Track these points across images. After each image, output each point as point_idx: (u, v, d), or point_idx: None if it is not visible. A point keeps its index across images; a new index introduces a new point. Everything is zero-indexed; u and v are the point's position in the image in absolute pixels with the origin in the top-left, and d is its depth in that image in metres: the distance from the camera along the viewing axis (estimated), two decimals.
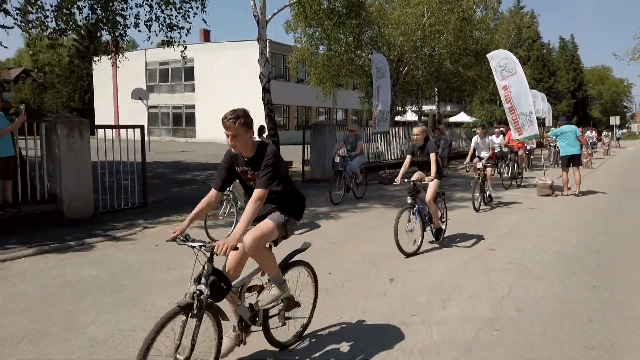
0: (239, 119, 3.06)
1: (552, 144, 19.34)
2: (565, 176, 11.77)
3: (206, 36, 38.57)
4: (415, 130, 6.72)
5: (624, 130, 73.26)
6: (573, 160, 11.64)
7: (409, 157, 6.77)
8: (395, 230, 6.03)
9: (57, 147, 7.73)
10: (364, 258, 6.13)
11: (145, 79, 38.73)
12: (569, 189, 11.72)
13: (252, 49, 15.59)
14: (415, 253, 6.27)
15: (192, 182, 13.56)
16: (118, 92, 39.90)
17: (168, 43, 10.50)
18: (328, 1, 16.94)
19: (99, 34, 10.64)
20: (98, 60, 14.32)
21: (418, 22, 18.56)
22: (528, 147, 16.99)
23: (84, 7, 8.96)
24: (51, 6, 8.52)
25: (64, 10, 8.36)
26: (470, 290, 4.96)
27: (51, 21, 8.66)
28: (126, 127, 9.29)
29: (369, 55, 20.73)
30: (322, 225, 8.11)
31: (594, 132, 31.36)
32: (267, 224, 3.30)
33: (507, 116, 11.36)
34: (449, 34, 19.49)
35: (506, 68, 10.98)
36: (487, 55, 12.10)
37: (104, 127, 9.05)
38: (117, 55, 10.87)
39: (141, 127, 9.63)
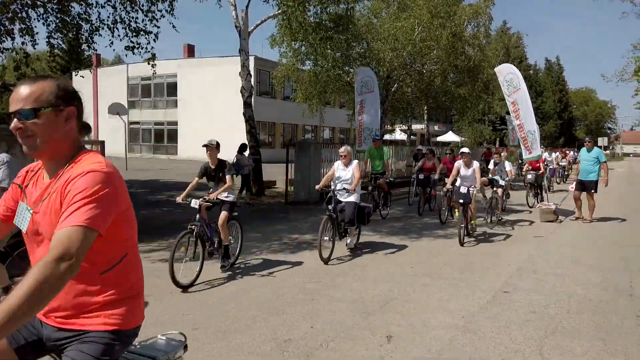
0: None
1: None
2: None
3: (190, 51, 37.63)
4: None
5: (607, 152, 73.48)
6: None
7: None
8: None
9: None
10: (354, 305, 5.04)
11: (126, 95, 37.56)
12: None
13: (238, 65, 14.64)
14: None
15: (164, 204, 12.39)
16: (98, 108, 38.63)
17: (132, 49, 9.45)
18: (315, 15, 16.14)
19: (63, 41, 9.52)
20: (76, 74, 13.14)
21: (408, 37, 17.78)
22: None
23: (32, 5, 7.90)
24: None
25: (7, 10, 7.31)
26: (492, 355, 3.89)
27: None
28: (84, 142, 8.18)
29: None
30: (304, 259, 7.01)
31: (555, 153, 22.13)
32: None
33: (517, 134, 10.52)
34: (440, 49, 18.76)
35: (512, 83, 10.15)
36: (495, 70, 11.46)
37: None
38: (82, 65, 9.74)
39: (101, 142, 8.56)
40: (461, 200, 8.25)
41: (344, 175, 7.35)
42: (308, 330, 4.32)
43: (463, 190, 8.27)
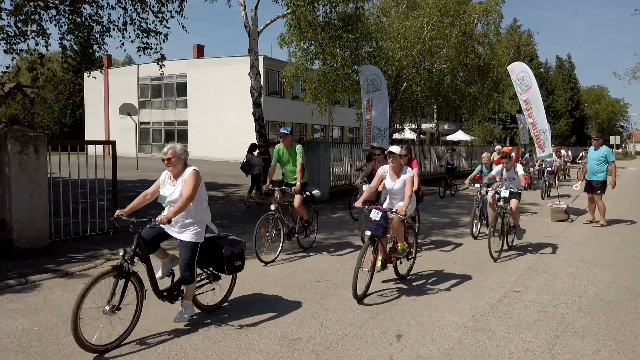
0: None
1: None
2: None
3: (200, 51, 37.79)
4: None
5: (619, 150, 72.26)
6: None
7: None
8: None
9: (7, 166, 6.67)
10: (364, 304, 5.05)
11: (137, 95, 37.82)
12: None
13: (247, 64, 14.71)
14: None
15: None
16: (109, 108, 38.94)
17: (144, 49, 9.55)
18: (323, 14, 16.15)
19: (75, 42, 9.63)
20: (88, 75, 13.36)
21: (418, 36, 17.74)
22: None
23: (44, 7, 7.99)
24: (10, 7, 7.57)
25: (20, 12, 7.41)
26: (501, 354, 3.88)
27: (8, 25, 7.74)
28: (95, 142, 8.26)
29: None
30: (312, 256, 7.03)
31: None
32: None
33: (531, 132, 10.49)
34: (449, 48, 18.69)
35: (523, 82, 10.11)
36: (507, 68, 11.39)
37: (69, 142, 8.03)
38: (93, 66, 9.85)
39: (112, 142, 8.63)
40: (368, 233, 5.07)
41: (169, 192, 4.26)
42: (318, 329, 4.34)
43: (375, 215, 5.07)
